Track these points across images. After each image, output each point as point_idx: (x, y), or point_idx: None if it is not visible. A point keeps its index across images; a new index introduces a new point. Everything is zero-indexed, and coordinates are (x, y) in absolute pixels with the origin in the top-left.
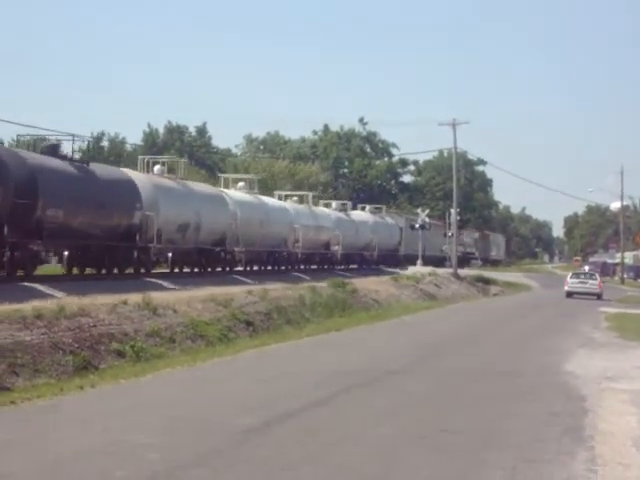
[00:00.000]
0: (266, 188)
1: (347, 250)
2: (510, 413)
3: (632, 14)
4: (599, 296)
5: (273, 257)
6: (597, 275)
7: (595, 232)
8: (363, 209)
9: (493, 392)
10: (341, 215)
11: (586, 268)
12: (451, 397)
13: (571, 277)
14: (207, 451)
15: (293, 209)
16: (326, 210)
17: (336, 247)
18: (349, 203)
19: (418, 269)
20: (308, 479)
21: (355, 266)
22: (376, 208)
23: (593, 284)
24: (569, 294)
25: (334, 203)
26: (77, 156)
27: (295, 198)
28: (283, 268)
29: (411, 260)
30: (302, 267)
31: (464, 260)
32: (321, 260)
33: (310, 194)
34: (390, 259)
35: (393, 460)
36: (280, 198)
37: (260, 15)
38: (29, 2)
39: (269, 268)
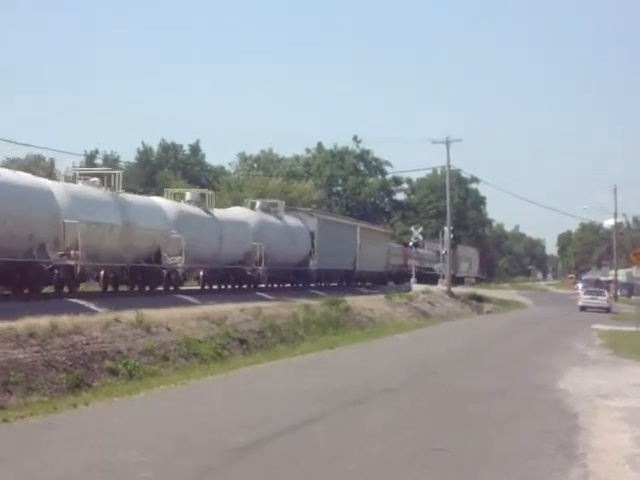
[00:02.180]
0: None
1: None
2: (503, 431)
3: (627, 34)
4: (608, 310)
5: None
6: (606, 292)
7: (588, 249)
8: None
9: (486, 410)
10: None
11: (579, 286)
12: (444, 415)
13: (584, 294)
14: (200, 469)
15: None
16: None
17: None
18: (282, 202)
19: (412, 287)
20: None
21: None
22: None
23: (602, 299)
24: (582, 308)
25: (258, 202)
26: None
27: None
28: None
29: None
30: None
31: (422, 277)
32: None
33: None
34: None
35: (386, 478)
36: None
37: (255, 32)
38: (25, 18)
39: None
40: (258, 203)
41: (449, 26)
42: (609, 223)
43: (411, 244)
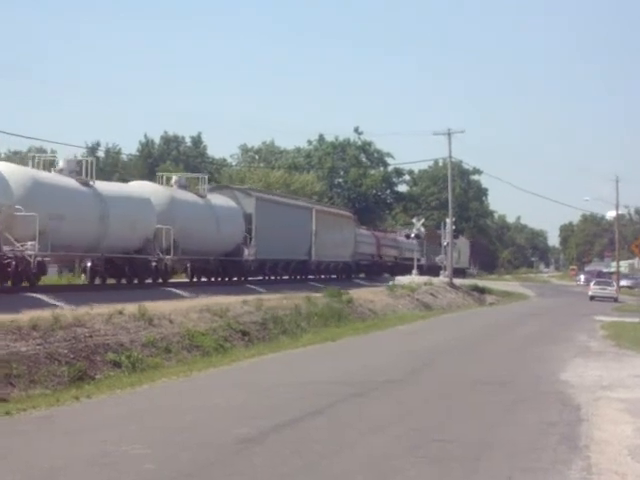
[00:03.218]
0: None
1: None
2: (505, 422)
3: (629, 29)
4: (615, 299)
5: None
6: (614, 282)
7: (590, 241)
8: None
9: (488, 401)
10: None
11: (581, 277)
12: (446, 406)
13: (594, 285)
14: (203, 461)
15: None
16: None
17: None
18: (204, 177)
19: (413, 278)
20: None
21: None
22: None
23: (611, 290)
24: (592, 298)
25: (175, 176)
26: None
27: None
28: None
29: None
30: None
31: (399, 268)
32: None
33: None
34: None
35: (388, 470)
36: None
37: (256, 25)
38: (27, 10)
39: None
40: (174, 178)
41: (451, 18)
42: (611, 215)
43: (413, 235)
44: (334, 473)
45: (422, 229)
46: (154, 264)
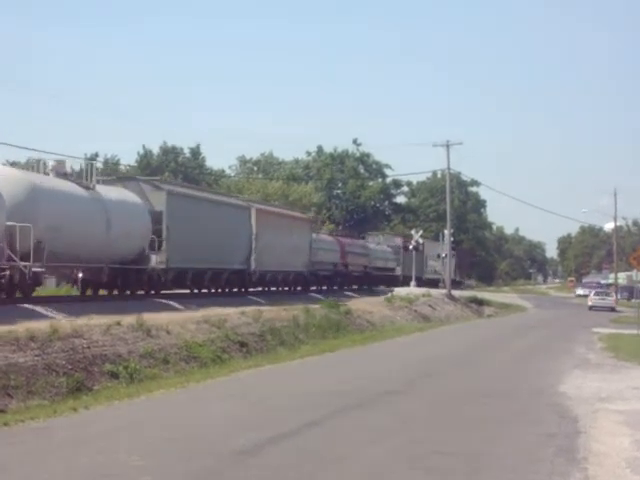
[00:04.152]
0: None
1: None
2: (503, 434)
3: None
4: (613, 309)
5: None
6: (613, 293)
7: (589, 253)
8: None
9: (487, 413)
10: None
11: (579, 291)
12: (445, 418)
13: (593, 295)
14: (200, 473)
15: None
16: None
17: None
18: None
19: (412, 290)
20: None
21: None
22: None
23: (610, 300)
24: (591, 307)
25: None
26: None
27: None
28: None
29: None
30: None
31: (369, 280)
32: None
33: None
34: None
35: None
36: None
37: (255, 34)
38: (24, 20)
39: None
40: (51, 163)
41: (450, 30)
42: (609, 226)
43: (411, 247)
44: None
45: (420, 241)
46: (6, 273)
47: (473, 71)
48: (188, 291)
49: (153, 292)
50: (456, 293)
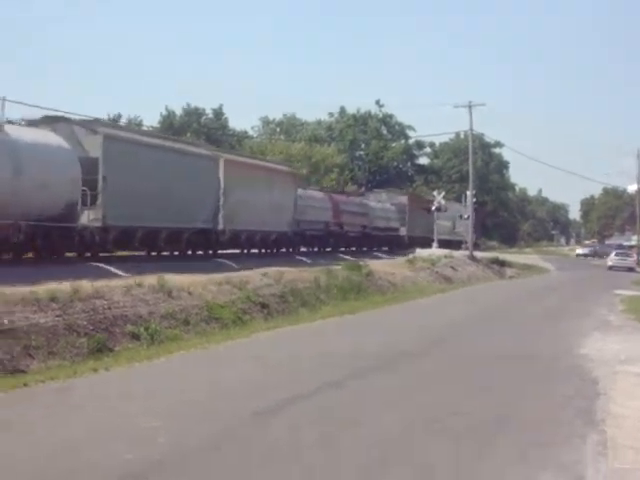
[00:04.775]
0: None
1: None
2: (523, 396)
3: None
4: (633, 269)
5: None
6: (634, 253)
7: (612, 215)
8: None
9: (506, 376)
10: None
11: (579, 250)
12: (465, 380)
13: (614, 255)
14: (218, 434)
15: None
16: None
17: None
18: None
19: (434, 251)
20: (320, 462)
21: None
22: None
23: (631, 260)
24: (610, 267)
25: None
26: None
27: None
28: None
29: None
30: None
31: (368, 241)
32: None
33: None
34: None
35: (405, 442)
36: None
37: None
38: None
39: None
40: None
41: None
42: (632, 188)
43: (434, 209)
44: (351, 445)
45: (443, 202)
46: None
47: (496, 33)
48: (144, 253)
49: (89, 255)
50: (478, 254)
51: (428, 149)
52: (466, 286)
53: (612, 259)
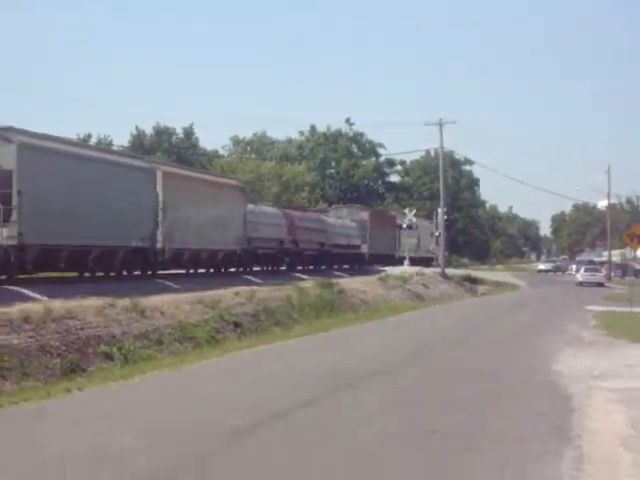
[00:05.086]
0: (253, 190)
1: None
2: (496, 413)
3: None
4: (602, 284)
5: None
6: (602, 269)
7: (582, 231)
8: None
9: (480, 392)
10: None
11: (573, 267)
12: (438, 397)
13: (583, 271)
14: (194, 453)
15: None
16: None
17: None
18: None
19: (405, 269)
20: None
21: None
22: None
23: (600, 275)
24: (581, 283)
25: None
26: None
27: None
28: None
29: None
30: None
31: (327, 259)
32: None
33: None
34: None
35: (380, 460)
36: None
37: (247, 15)
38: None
39: None
40: None
41: (443, 10)
42: (603, 204)
43: (404, 226)
44: (326, 463)
45: (414, 219)
46: None
47: (466, 50)
48: (75, 274)
49: (5, 277)
50: (450, 272)
51: (399, 167)
52: (438, 304)
53: (582, 275)
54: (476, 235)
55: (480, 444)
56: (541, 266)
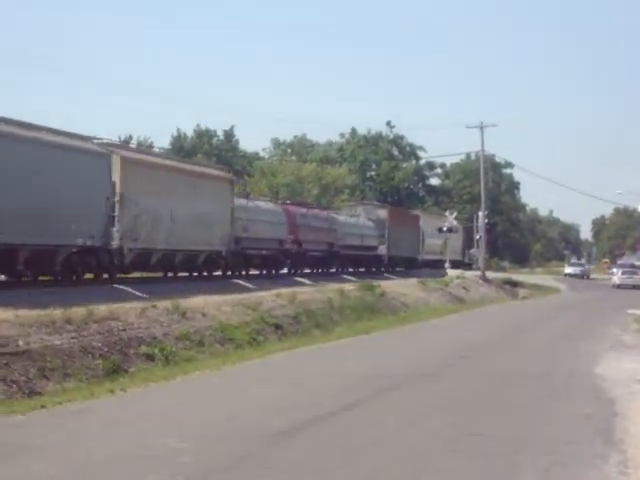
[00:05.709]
0: (294, 192)
1: None
2: (541, 416)
3: None
4: (639, 287)
5: None
6: (639, 271)
7: (623, 234)
8: None
9: (523, 396)
10: None
11: (614, 270)
12: (482, 400)
13: (621, 274)
14: (239, 454)
15: None
16: None
17: None
18: None
19: (447, 272)
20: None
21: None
22: None
23: (637, 277)
24: (618, 286)
25: None
26: None
27: None
28: None
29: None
30: None
31: (344, 262)
32: None
33: None
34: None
35: (426, 463)
36: None
37: (288, 17)
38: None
39: None
40: None
41: (481, 11)
42: None
43: (445, 229)
44: (371, 467)
45: (455, 222)
46: None
47: (509, 49)
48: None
49: None
50: (490, 275)
51: (439, 170)
52: (479, 307)
53: (619, 277)
54: (516, 238)
55: (527, 447)
56: (568, 269)
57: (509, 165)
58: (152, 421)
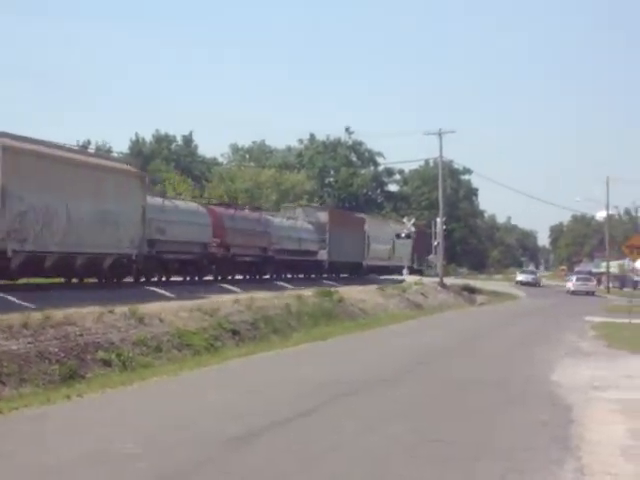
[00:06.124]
0: (252, 198)
1: None
2: (497, 423)
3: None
4: (593, 293)
5: None
6: (593, 279)
7: (580, 241)
8: None
9: (480, 402)
10: None
11: (519, 277)
12: (441, 406)
13: (575, 281)
14: (197, 460)
15: None
16: None
17: None
18: None
19: (404, 278)
20: None
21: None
22: None
23: (591, 284)
24: (573, 292)
25: None
26: None
27: None
28: None
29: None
30: None
31: (278, 268)
32: None
33: None
34: None
35: (384, 469)
36: None
37: (248, 23)
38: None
39: None
40: None
41: (442, 18)
42: (601, 215)
43: (403, 235)
44: (331, 472)
45: (412, 229)
46: None
47: (465, 57)
48: None
49: None
50: (448, 281)
51: (397, 176)
52: (437, 313)
53: (574, 284)
54: (474, 245)
55: (484, 453)
56: (520, 277)
57: (467, 171)
58: (109, 427)
